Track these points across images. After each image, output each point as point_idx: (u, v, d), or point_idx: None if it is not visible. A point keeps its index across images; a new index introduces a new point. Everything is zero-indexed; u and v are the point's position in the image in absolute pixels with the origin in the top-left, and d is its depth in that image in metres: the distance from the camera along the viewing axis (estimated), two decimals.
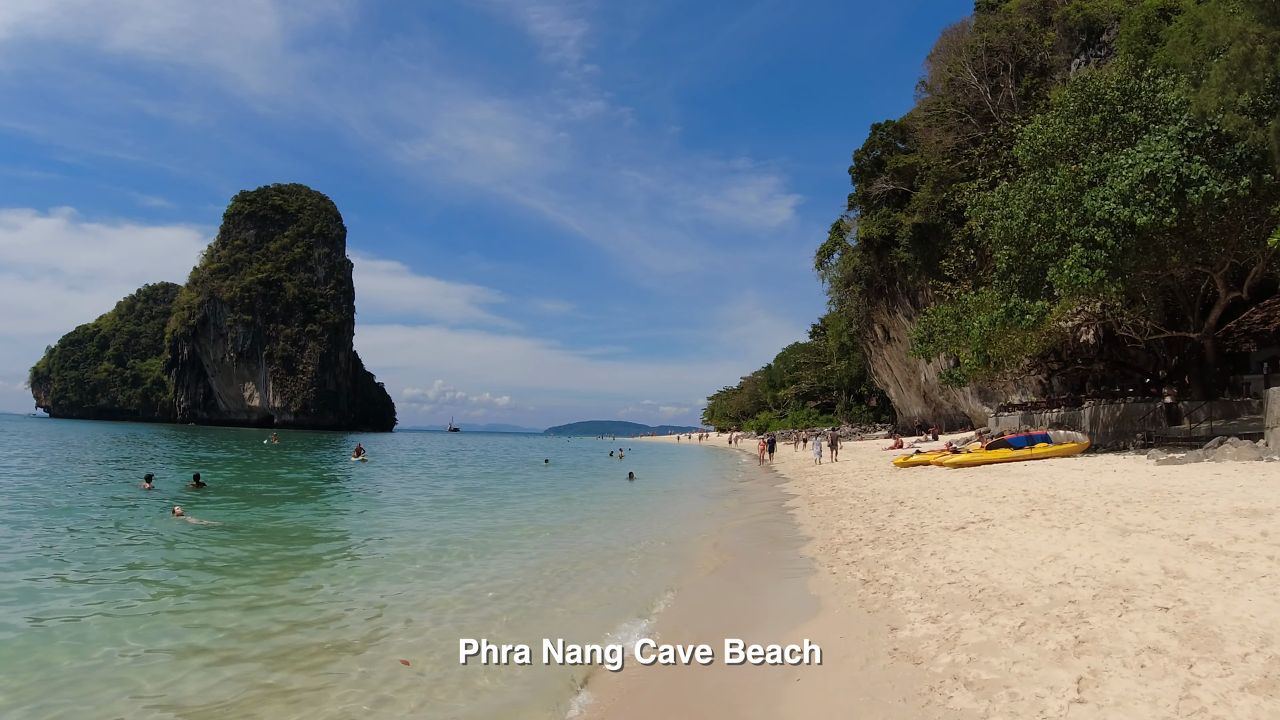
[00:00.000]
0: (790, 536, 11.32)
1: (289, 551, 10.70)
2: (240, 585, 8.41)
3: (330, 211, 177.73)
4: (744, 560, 9.81)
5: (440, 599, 7.77)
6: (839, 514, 12.46)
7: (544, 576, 8.92)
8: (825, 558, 8.71)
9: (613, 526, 13.83)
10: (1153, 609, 5.09)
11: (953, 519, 9.99)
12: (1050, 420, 28.73)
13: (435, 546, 10.92)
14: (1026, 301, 19.98)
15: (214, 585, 8.35)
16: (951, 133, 43.39)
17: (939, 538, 8.66)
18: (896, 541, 8.85)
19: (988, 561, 7.10)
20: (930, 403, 53.42)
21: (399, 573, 9.15)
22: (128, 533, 11.89)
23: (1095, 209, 18.35)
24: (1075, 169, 19.54)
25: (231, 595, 7.88)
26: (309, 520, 14.14)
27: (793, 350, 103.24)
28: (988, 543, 7.97)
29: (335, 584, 8.60)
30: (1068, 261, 18.59)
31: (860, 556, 8.25)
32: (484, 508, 17.04)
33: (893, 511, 11.59)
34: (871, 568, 7.59)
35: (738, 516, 15.23)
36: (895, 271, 49.34)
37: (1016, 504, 10.75)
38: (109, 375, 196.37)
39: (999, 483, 14.17)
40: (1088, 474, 14.39)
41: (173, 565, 9.49)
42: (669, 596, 7.67)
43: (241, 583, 8.54)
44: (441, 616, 7.06)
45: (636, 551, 10.69)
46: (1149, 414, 24.00)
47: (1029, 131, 22.33)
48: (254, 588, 8.29)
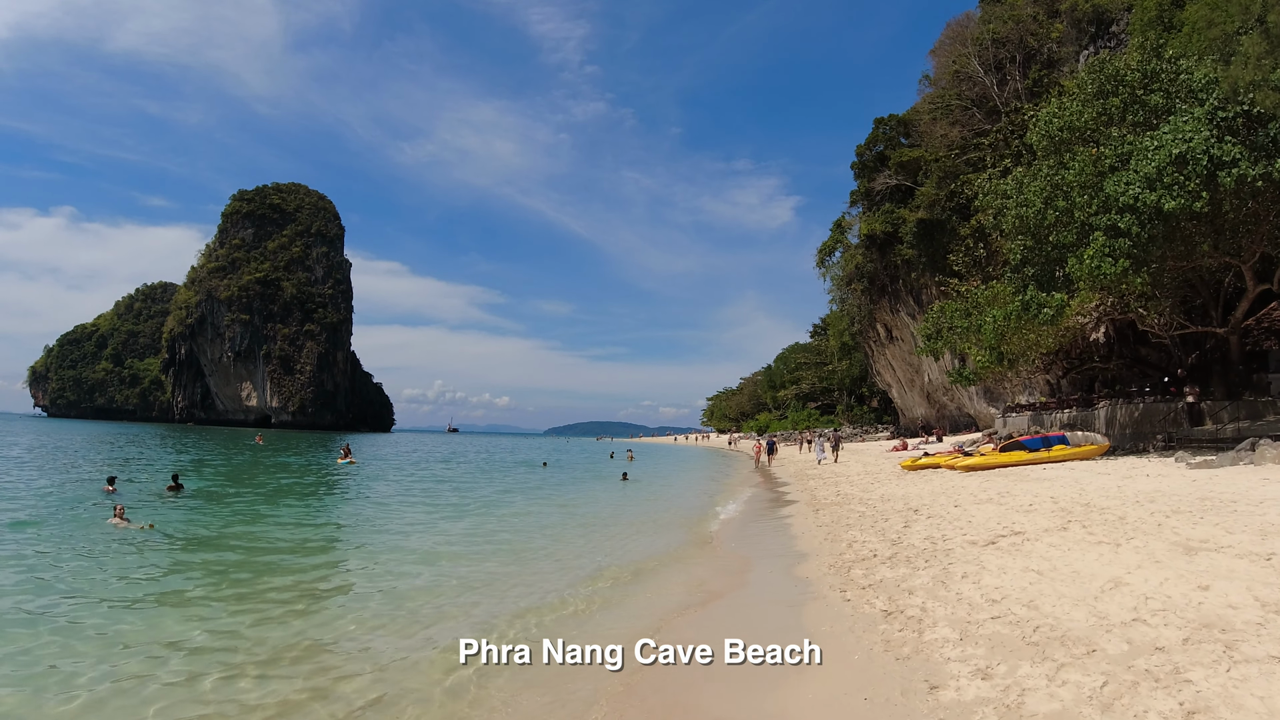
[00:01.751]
0: (789, 550, 10.05)
1: (214, 571, 9.50)
2: (149, 615, 7.21)
3: (329, 211, 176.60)
4: (734, 581, 8.57)
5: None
6: (847, 523, 11.22)
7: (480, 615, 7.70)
8: (835, 579, 7.43)
9: (590, 542, 12.49)
10: (1270, 660, 3.90)
11: (979, 531, 8.78)
12: (1061, 421, 27.57)
13: (387, 582, 9.02)
14: (1044, 294, 18.78)
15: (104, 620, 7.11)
16: (957, 126, 42.25)
17: (968, 554, 7.46)
18: (918, 559, 7.62)
19: (1034, 588, 5.90)
20: (934, 403, 52.21)
21: (334, 605, 7.94)
22: (67, 543, 10.72)
23: (1119, 194, 17.17)
24: (1096, 152, 18.35)
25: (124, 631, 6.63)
26: (261, 531, 12.94)
27: (793, 350, 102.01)
28: (1027, 562, 6.77)
29: (237, 612, 7.31)
30: (1088, 251, 17.41)
31: (878, 578, 7.02)
32: (456, 522, 15.83)
33: (908, 521, 10.37)
34: (893, 593, 6.35)
35: (728, 525, 14.03)
36: (898, 269, 48.12)
37: (1048, 513, 9.55)
38: (107, 375, 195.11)
39: (1020, 488, 12.97)
40: (1117, 478, 13.19)
41: (85, 587, 8.30)
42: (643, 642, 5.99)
43: (150, 615, 7.34)
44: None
45: (605, 577, 9.07)
46: (1169, 414, 22.83)
47: (1044, 116, 21.15)
48: (162, 620, 7.09)
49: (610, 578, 8.95)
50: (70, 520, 12.89)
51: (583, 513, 16.65)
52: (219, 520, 13.79)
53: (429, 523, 14.45)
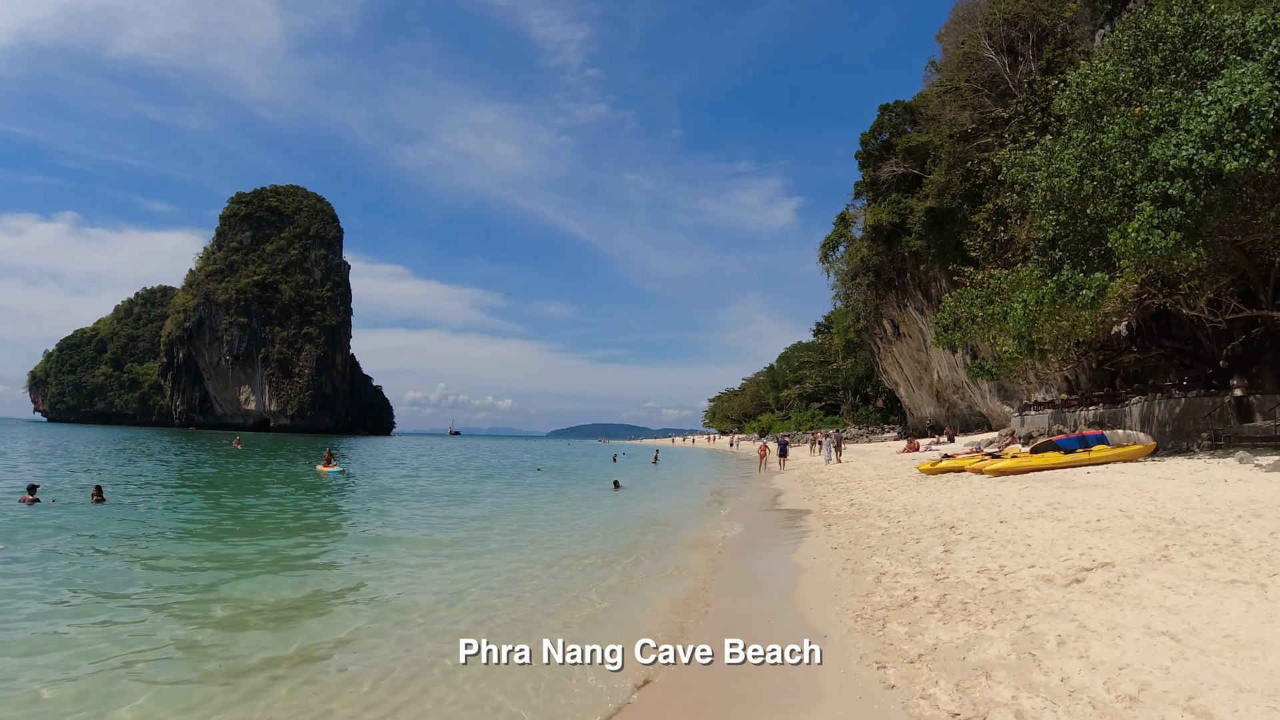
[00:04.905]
0: (793, 597, 7.70)
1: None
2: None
3: (327, 213, 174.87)
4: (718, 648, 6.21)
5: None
6: (869, 544, 9.00)
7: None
8: (865, 640, 5.16)
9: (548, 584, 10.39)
10: None
11: (1047, 560, 6.61)
12: (1086, 420, 25.39)
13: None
14: (1081, 275, 16.59)
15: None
16: (967, 109, 40.19)
17: (1048, 600, 5.30)
18: (979, 606, 5.40)
19: (1179, 667, 3.75)
20: (943, 402, 49.97)
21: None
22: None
23: (1168, 157, 14.99)
24: (1140, 111, 16.17)
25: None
26: (171, 551, 10.83)
27: (796, 349, 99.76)
28: (1144, 617, 4.61)
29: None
30: (1134, 224, 15.23)
31: (928, 642, 4.75)
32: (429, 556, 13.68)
33: (947, 544, 8.17)
34: (960, 676, 4.07)
35: (725, 553, 11.84)
36: (906, 261, 45.98)
37: (1129, 534, 7.38)
38: (106, 379, 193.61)
39: (1072, 497, 10.78)
40: (1187, 484, 11.00)
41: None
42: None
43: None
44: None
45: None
46: (1214, 410, 20.62)
47: (1075, 78, 19.00)
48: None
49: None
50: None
51: (548, 533, 14.56)
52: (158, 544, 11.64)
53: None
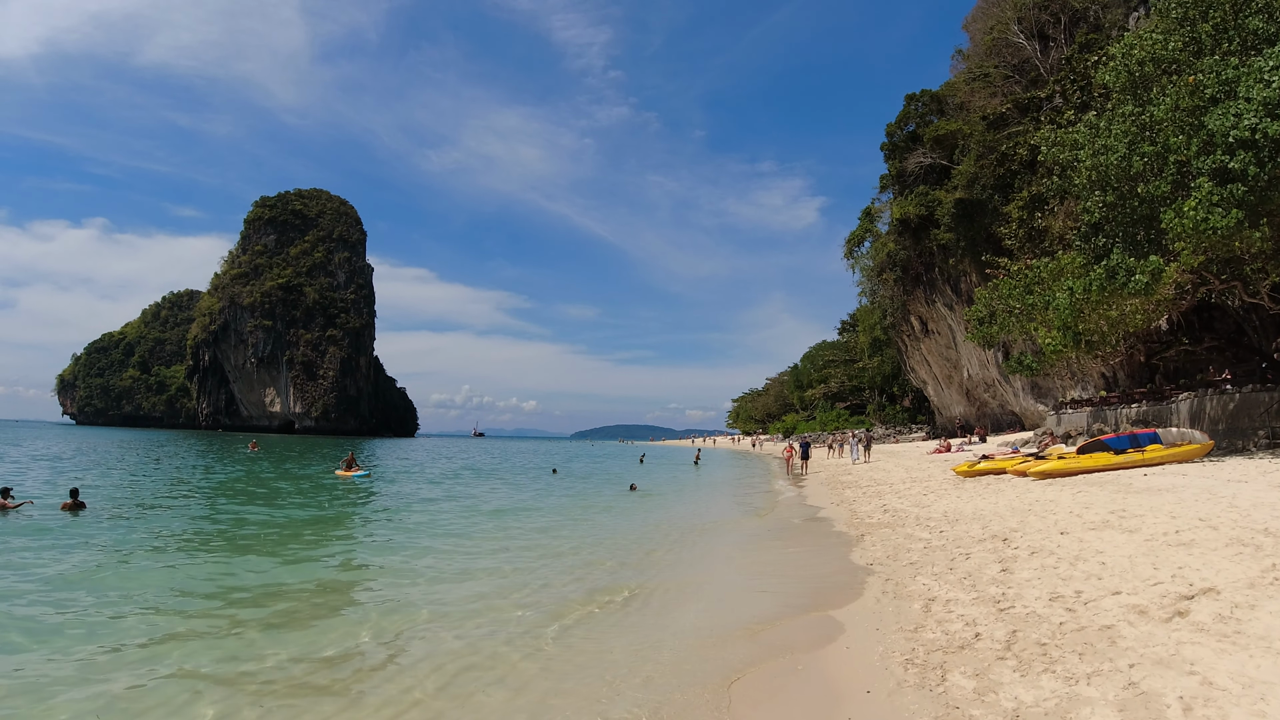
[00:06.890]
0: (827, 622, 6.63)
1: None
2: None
3: (350, 215, 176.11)
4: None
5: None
6: (910, 561, 7.88)
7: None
8: (920, 699, 4.06)
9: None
10: None
11: (1134, 584, 5.50)
12: (1129, 418, 23.90)
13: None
14: (1132, 259, 15.28)
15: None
16: (997, 96, 38.66)
17: (1149, 640, 4.22)
18: (1062, 650, 4.27)
19: None
20: (973, 401, 48.26)
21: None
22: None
23: (1228, 128, 13.68)
24: (1194, 79, 14.84)
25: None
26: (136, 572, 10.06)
27: (821, 348, 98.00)
28: None
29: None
30: (1190, 203, 13.94)
31: (1009, 709, 3.72)
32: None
33: (1003, 561, 7.05)
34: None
35: (744, 568, 10.76)
36: (934, 256, 44.39)
37: (1221, 549, 6.24)
38: (134, 382, 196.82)
39: (1135, 503, 9.57)
40: (1263, 488, 9.75)
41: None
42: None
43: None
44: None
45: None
46: (1273, 405, 19.14)
47: (1120, 49, 17.67)
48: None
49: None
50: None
51: (552, 544, 13.62)
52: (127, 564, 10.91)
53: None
